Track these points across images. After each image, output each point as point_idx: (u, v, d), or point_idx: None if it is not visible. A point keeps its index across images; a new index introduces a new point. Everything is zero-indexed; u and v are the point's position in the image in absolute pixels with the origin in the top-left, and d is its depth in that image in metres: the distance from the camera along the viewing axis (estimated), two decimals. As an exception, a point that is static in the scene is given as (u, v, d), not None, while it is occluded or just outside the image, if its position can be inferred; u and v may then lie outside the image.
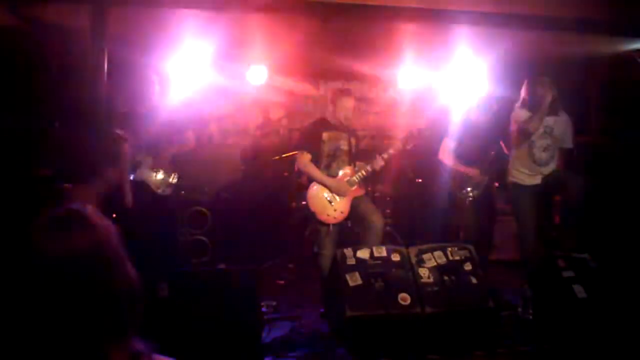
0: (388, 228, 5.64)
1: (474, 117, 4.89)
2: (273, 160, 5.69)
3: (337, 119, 4.37)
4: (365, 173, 4.32)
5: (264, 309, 3.98)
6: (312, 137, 4.34)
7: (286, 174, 5.88)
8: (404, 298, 3.61)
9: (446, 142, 4.90)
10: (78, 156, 2.34)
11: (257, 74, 5.78)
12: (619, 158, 5.58)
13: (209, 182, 5.80)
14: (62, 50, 5.21)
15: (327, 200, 4.24)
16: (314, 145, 4.30)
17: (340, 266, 3.74)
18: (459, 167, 4.83)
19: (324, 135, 4.31)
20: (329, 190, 4.25)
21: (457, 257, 3.90)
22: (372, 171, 4.35)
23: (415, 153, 5.03)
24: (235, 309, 3.17)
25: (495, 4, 4.37)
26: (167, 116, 4.12)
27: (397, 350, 3.41)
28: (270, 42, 5.00)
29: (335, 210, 4.23)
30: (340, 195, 4.25)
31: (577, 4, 4.51)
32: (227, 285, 3.26)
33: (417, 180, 6.16)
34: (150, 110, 4.09)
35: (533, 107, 4.27)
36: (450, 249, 3.94)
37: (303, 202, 4.44)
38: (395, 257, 3.83)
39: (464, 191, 4.81)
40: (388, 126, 6.90)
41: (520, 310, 4.10)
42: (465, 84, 5.96)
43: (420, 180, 6.14)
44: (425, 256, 3.87)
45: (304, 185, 4.47)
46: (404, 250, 3.90)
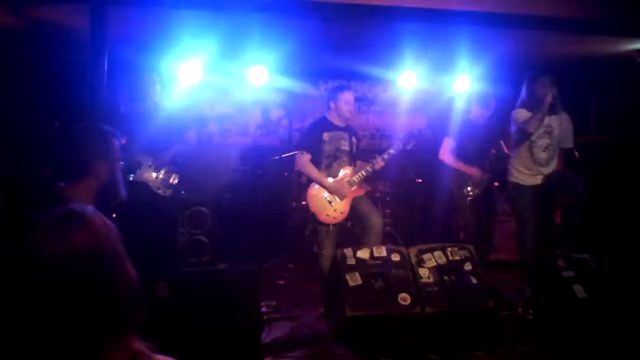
0: (388, 228, 5.64)
1: (474, 116, 4.91)
2: (273, 160, 5.69)
3: (339, 117, 4.36)
4: (365, 173, 4.32)
5: (264, 309, 3.98)
6: (313, 137, 4.33)
7: (286, 174, 5.88)
8: (404, 298, 3.61)
9: (447, 142, 4.91)
10: (68, 154, 2.34)
11: (257, 74, 5.78)
12: (619, 158, 5.59)
13: (209, 182, 5.79)
14: (62, 50, 5.22)
15: (326, 200, 4.24)
16: (314, 146, 4.29)
17: (340, 266, 3.74)
18: (459, 166, 4.83)
19: (325, 135, 4.31)
20: (329, 190, 4.25)
21: (457, 257, 3.90)
22: (372, 171, 4.35)
23: (415, 153, 5.02)
24: (235, 309, 3.17)
25: (495, 4, 4.38)
26: (167, 116, 4.13)
27: (397, 350, 3.41)
28: (270, 42, 5.00)
29: (335, 211, 4.23)
30: (340, 196, 4.24)
31: (577, 4, 4.52)
32: (227, 285, 3.26)
33: (417, 180, 6.16)
34: (150, 110, 4.09)
35: (533, 107, 4.27)
36: (450, 249, 3.94)
37: (303, 202, 4.44)
38: (395, 257, 3.82)
39: (464, 190, 4.81)
40: (388, 126, 6.91)
41: (520, 310, 4.11)
42: (465, 84, 5.98)
43: (420, 180, 6.15)
44: (425, 256, 3.87)
45: (304, 185, 4.47)
46: (404, 250, 3.90)
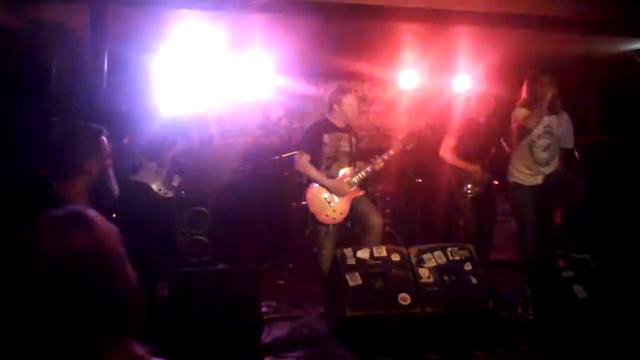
0: (388, 228, 5.64)
1: (474, 115, 4.91)
2: (273, 160, 5.69)
3: (341, 119, 4.35)
4: (365, 174, 4.32)
5: (264, 309, 3.98)
6: (313, 138, 4.33)
7: (286, 174, 5.87)
8: (404, 298, 3.61)
9: (447, 140, 4.91)
10: (58, 154, 2.34)
11: (259, 74, 5.77)
12: (619, 158, 5.59)
13: (210, 182, 5.79)
14: (62, 50, 5.22)
15: (326, 200, 4.24)
16: (314, 147, 4.28)
17: (340, 266, 3.74)
18: (460, 164, 4.83)
19: (325, 137, 4.30)
20: (328, 191, 4.25)
21: (457, 257, 3.90)
22: (372, 172, 4.35)
23: (415, 153, 5.02)
24: (235, 309, 3.17)
25: (495, 4, 4.37)
26: (169, 116, 4.13)
27: (397, 350, 3.40)
28: (271, 42, 5.00)
29: (334, 211, 4.22)
30: (340, 196, 4.24)
31: (577, 4, 4.52)
32: (227, 285, 3.26)
33: (417, 180, 6.15)
34: (152, 110, 4.09)
35: (533, 106, 4.27)
36: (450, 249, 3.94)
37: (303, 202, 4.44)
38: (395, 257, 3.82)
39: (464, 188, 4.81)
40: (388, 126, 6.90)
41: (520, 310, 4.10)
42: (465, 84, 5.98)
43: (420, 180, 6.14)
44: (425, 256, 3.87)
45: (303, 185, 4.47)
46: (404, 250, 3.90)
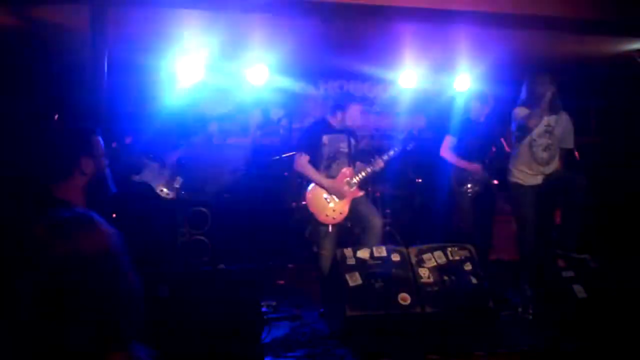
0: (388, 228, 5.64)
1: (474, 114, 4.91)
2: (273, 160, 5.69)
3: (342, 123, 4.35)
4: (365, 174, 4.32)
5: (264, 309, 3.98)
6: (312, 138, 4.33)
7: (286, 174, 5.87)
8: (404, 298, 3.61)
9: (447, 139, 4.92)
10: (52, 154, 2.34)
11: (257, 74, 5.77)
12: (619, 158, 5.59)
13: (210, 182, 5.79)
14: (62, 50, 5.22)
15: (325, 200, 4.24)
16: (313, 147, 4.28)
17: (340, 266, 3.74)
18: (460, 163, 4.84)
19: (324, 138, 4.30)
20: (327, 191, 4.25)
21: (457, 257, 3.90)
22: (372, 172, 4.35)
23: (415, 153, 5.02)
24: (235, 309, 3.17)
25: (495, 4, 4.38)
26: (170, 117, 4.13)
27: (397, 350, 3.40)
28: (270, 42, 5.00)
29: (334, 211, 4.22)
30: (339, 196, 4.24)
31: (577, 4, 4.52)
32: (227, 285, 3.26)
33: (417, 180, 6.16)
34: (155, 110, 4.09)
35: (533, 105, 4.27)
36: (450, 249, 3.94)
37: (303, 202, 4.44)
38: (395, 257, 3.82)
39: (464, 187, 4.81)
40: (388, 126, 6.90)
41: (520, 310, 4.10)
42: (465, 83, 5.98)
43: (420, 180, 6.14)
44: (425, 256, 3.87)
45: (303, 186, 4.47)
46: (404, 250, 3.90)
